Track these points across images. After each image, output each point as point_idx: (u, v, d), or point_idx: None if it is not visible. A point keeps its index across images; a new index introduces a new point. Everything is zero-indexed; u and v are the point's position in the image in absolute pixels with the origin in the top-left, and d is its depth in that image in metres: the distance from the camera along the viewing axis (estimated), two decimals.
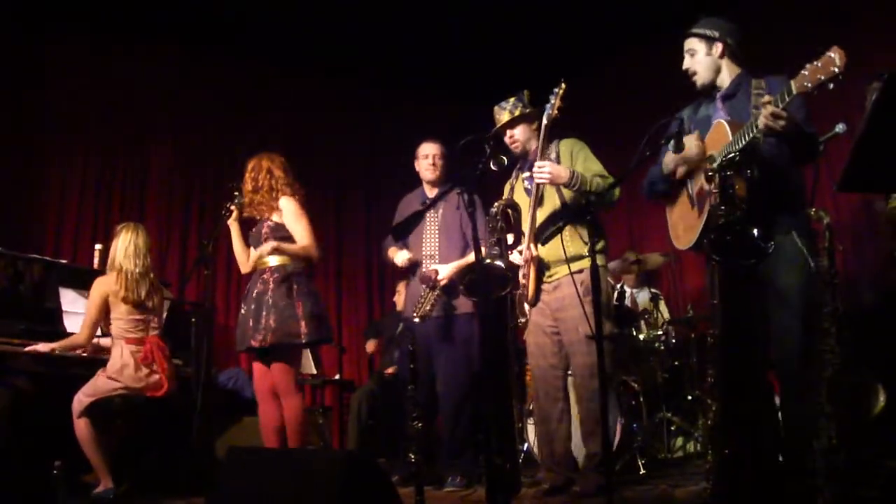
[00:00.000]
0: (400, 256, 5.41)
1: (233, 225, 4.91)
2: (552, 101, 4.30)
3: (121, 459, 4.96)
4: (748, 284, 3.26)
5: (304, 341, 4.72)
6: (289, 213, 4.85)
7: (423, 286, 5.22)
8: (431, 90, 8.79)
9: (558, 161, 4.46)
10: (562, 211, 4.46)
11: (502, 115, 4.63)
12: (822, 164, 4.62)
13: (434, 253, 5.36)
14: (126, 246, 5.05)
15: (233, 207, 4.84)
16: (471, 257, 5.12)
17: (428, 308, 5.14)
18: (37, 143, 7.10)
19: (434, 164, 5.49)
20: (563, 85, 4.29)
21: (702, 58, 3.67)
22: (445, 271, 5.20)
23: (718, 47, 3.65)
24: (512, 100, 4.64)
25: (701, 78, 3.68)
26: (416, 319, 5.12)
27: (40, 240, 6.92)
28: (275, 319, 4.61)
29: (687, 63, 3.71)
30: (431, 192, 5.52)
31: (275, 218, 4.86)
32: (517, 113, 4.60)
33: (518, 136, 4.63)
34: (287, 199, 4.87)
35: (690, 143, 3.53)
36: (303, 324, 4.65)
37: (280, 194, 4.87)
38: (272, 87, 8.54)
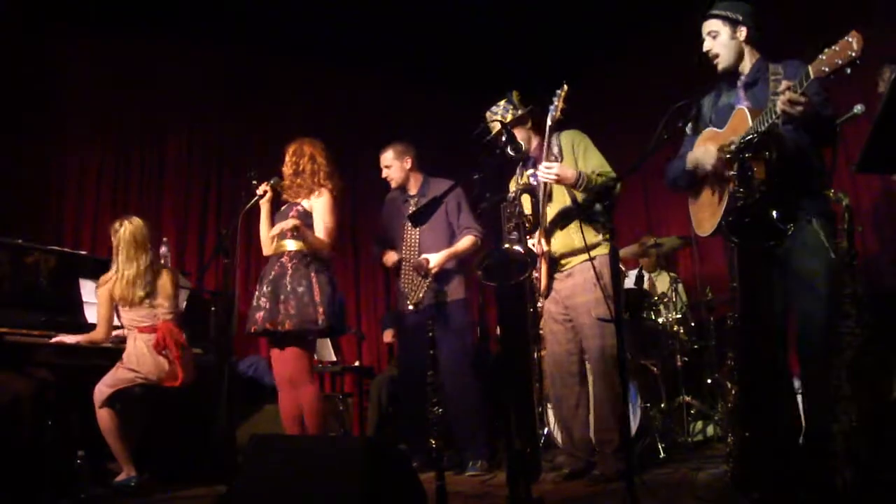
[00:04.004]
0: (388, 258, 5.53)
1: (265, 206, 4.90)
2: (555, 103, 4.32)
3: (143, 448, 5.00)
4: (767, 267, 3.25)
5: (320, 328, 4.70)
6: (322, 204, 4.85)
7: (414, 274, 5.26)
8: (444, 79, 8.76)
9: (560, 153, 4.48)
10: (572, 207, 4.47)
11: (493, 119, 4.62)
12: (840, 146, 4.59)
13: (415, 245, 5.41)
14: (118, 245, 5.11)
15: (267, 188, 4.84)
16: (460, 244, 5.30)
17: (421, 295, 5.17)
18: (55, 135, 7.13)
19: (387, 176, 5.63)
20: (566, 86, 4.31)
21: (725, 40, 3.59)
22: (436, 259, 5.22)
23: (743, 31, 3.59)
24: (502, 103, 4.66)
25: (724, 61, 3.60)
26: (410, 307, 5.15)
27: (59, 231, 6.97)
28: (294, 305, 4.59)
29: (709, 45, 3.62)
30: (412, 189, 5.60)
31: (305, 203, 4.86)
32: (508, 118, 4.59)
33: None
34: (326, 191, 4.88)
35: (705, 153, 3.52)
36: (320, 311, 4.64)
37: (321, 182, 4.89)
38: (286, 79, 8.55)
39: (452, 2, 7.38)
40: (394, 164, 5.58)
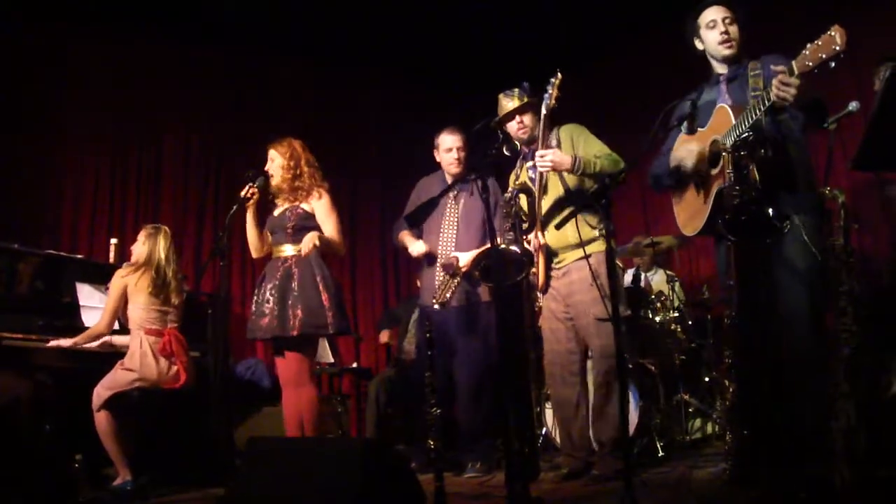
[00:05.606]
0: (416, 247, 5.34)
1: (250, 209, 4.88)
2: (549, 91, 4.32)
3: (140, 451, 4.99)
4: (764, 265, 3.25)
5: (331, 332, 4.71)
6: (324, 206, 4.85)
7: (444, 273, 5.19)
8: (443, 78, 8.74)
9: (559, 148, 4.48)
10: (566, 198, 4.47)
11: (510, 102, 4.63)
12: (837, 143, 4.58)
13: (451, 241, 5.30)
14: (167, 249, 5.15)
15: (254, 190, 4.79)
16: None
17: (448, 295, 5.09)
18: (52, 139, 7.11)
19: (458, 159, 5.37)
20: (560, 75, 4.30)
21: (738, 28, 3.57)
22: (466, 258, 5.13)
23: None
24: (517, 90, 4.65)
25: (734, 49, 3.57)
26: (436, 306, 5.08)
27: (56, 235, 6.94)
28: (303, 310, 4.58)
29: (728, 28, 3.55)
30: (451, 180, 5.46)
31: (305, 206, 4.83)
32: (526, 99, 4.60)
33: (528, 122, 4.64)
34: (324, 191, 4.88)
35: (689, 152, 3.51)
36: (329, 314, 4.64)
37: (318, 183, 4.89)
38: (285, 79, 8.54)
39: (452, 2, 7.38)
40: (465, 150, 5.40)
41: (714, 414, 5.75)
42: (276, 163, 4.89)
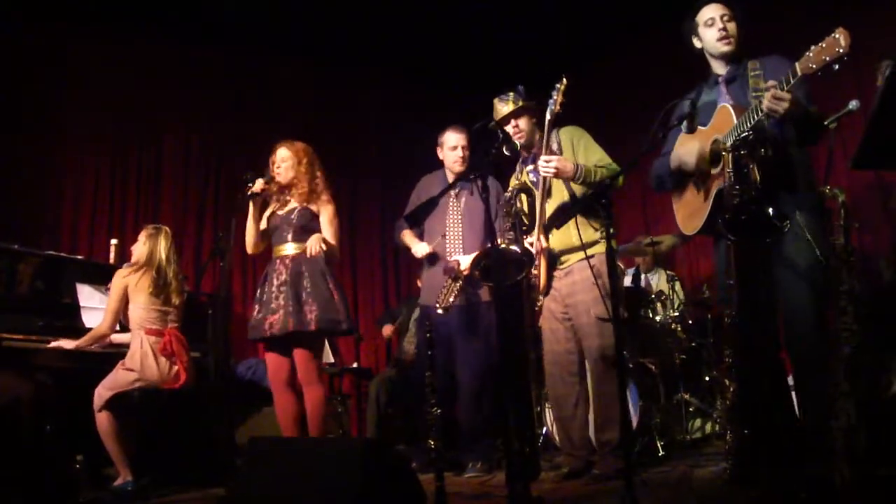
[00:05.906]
0: (420, 249, 5.33)
1: (256, 204, 4.91)
2: (554, 97, 4.31)
3: (141, 452, 4.99)
4: (764, 263, 3.25)
5: (345, 328, 4.75)
6: (330, 211, 4.91)
7: (446, 277, 5.17)
8: (443, 78, 8.74)
9: (560, 150, 4.47)
10: (571, 202, 4.46)
11: (504, 106, 4.62)
12: (837, 142, 4.58)
13: (457, 241, 5.31)
14: (167, 249, 5.16)
15: (264, 186, 4.82)
16: None
17: (451, 299, 5.08)
18: (52, 139, 7.10)
19: (463, 157, 5.37)
20: (565, 80, 4.29)
21: (737, 26, 3.57)
22: (467, 261, 5.08)
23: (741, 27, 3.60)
24: (511, 93, 4.64)
25: (733, 45, 3.57)
26: (440, 311, 5.06)
27: (56, 236, 6.94)
28: (318, 306, 4.61)
29: (726, 25, 3.56)
30: (453, 178, 5.43)
31: (312, 208, 4.88)
32: (521, 103, 4.59)
33: (523, 126, 4.62)
34: (331, 197, 4.94)
35: (688, 152, 3.51)
36: (340, 310, 4.69)
37: (327, 188, 4.95)
38: (285, 79, 8.54)
39: (452, 2, 7.38)
40: (469, 149, 5.38)
41: (714, 413, 5.75)
42: (288, 163, 4.90)
